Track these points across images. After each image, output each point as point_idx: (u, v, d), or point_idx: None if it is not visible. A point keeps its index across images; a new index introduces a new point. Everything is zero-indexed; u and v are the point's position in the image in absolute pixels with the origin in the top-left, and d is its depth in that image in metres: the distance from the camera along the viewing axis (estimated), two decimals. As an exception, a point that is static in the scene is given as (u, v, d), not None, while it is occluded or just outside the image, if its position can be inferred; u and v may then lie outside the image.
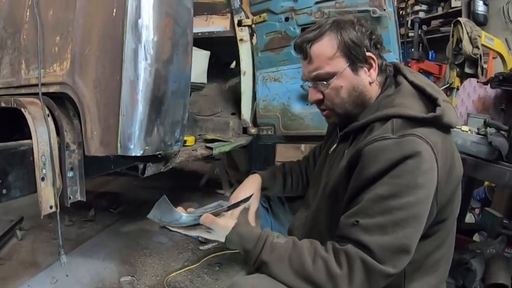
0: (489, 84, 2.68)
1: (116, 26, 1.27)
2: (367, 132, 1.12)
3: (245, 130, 2.87)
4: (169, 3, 1.31)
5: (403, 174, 0.98)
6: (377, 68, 1.19)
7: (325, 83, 1.19)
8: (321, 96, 1.23)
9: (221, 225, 1.16)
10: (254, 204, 1.46)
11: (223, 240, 1.16)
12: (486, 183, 3.10)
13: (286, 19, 2.57)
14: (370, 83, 1.19)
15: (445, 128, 1.10)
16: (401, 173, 0.98)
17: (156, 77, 1.27)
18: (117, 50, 1.25)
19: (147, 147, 1.29)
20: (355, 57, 1.15)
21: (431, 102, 1.12)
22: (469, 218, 2.91)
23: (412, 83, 1.18)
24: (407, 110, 1.07)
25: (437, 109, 1.06)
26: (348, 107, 1.21)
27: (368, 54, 1.16)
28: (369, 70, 1.18)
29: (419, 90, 1.16)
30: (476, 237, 2.42)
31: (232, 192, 1.53)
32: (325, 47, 1.16)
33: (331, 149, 1.34)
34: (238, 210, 1.36)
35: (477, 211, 3.05)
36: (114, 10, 1.28)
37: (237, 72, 2.92)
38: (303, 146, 5.22)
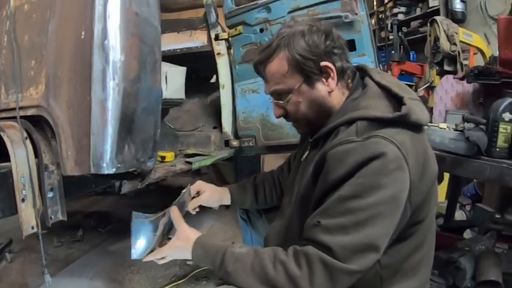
0: (465, 79, 2.70)
1: (84, 48, 1.31)
2: (333, 136, 1.11)
3: (227, 143, 2.87)
4: (135, 23, 1.34)
5: (366, 175, 0.97)
6: (336, 75, 1.15)
7: (281, 102, 1.21)
8: (283, 112, 1.24)
9: (182, 230, 1.25)
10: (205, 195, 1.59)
11: (190, 257, 1.20)
12: (475, 179, 3.09)
13: (261, 30, 2.59)
14: (329, 93, 1.17)
15: (415, 126, 1.07)
16: (365, 174, 0.97)
17: (124, 95, 1.30)
18: (86, 71, 1.29)
19: (119, 165, 1.32)
20: (308, 71, 1.14)
21: (397, 101, 1.09)
22: (461, 215, 2.88)
23: (378, 84, 1.15)
24: (371, 111, 1.06)
25: (403, 108, 1.03)
26: (311, 118, 1.21)
27: (323, 64, 1.13)
28: (326, 80, 1.15)
29: (386, 90, 1.13)
30: (468, 234, 2.40)
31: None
32: (277, 66, 1.16)
33: (304, 157, 1.32)
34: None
35: (468, 208, 3.00)
36: (83, 33, 1.32)
37: (217, 86, 2.93)
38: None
